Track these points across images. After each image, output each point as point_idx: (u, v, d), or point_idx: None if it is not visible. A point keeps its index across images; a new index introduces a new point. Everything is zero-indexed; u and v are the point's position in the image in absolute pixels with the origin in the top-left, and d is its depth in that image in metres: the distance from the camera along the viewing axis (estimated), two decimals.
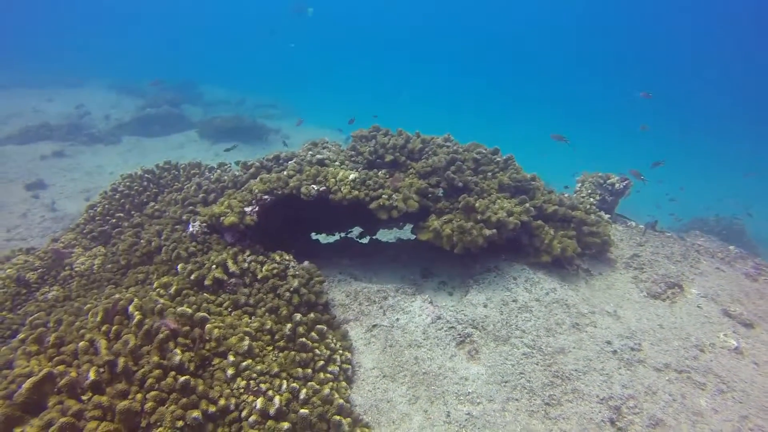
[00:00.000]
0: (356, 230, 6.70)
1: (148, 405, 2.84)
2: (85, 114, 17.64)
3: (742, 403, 3.82)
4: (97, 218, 5.94)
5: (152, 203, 5.98)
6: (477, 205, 4.71)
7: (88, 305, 3.97)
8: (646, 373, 4.03)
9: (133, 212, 6.02)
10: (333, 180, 4.64)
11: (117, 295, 3.95)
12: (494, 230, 4.52)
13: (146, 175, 6.46)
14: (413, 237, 6.54)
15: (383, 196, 4.62)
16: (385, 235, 9.27)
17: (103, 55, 36.36)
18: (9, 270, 4.89)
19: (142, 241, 4.97)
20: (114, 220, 5.89)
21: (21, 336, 3.76)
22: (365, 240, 6.49)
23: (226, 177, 5.52)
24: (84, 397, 2.83)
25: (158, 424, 2.81)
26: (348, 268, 5.38)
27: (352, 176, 4.68)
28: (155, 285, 4.17)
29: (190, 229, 4.71)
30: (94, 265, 5.16)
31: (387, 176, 4.98)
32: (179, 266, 4.34)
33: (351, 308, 4.68)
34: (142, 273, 4.62)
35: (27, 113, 16.70)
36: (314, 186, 4.57)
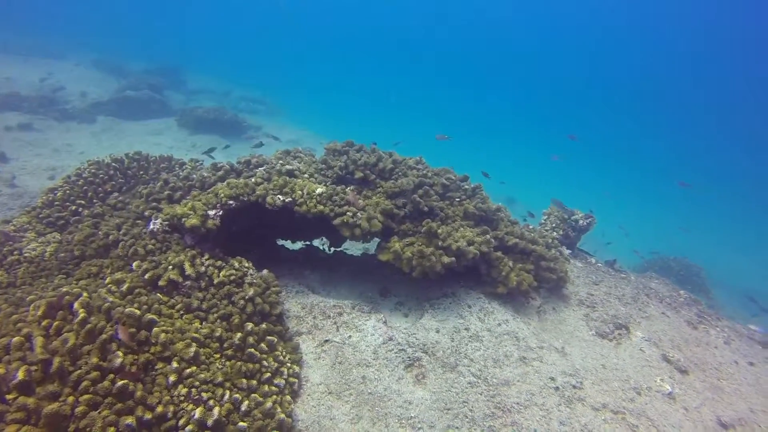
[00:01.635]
0: (322, 239, 6.71)
1: (80, 409, 2.78)
2: (59, 88, 17.06)
3: None
4: (56, 203, 5.77)
5: (116, 194, 5.86)
6: (439, 231, 4.80)
7: (31, 296, 3.85)
8: (584, 412, 4.16)
9: (95, 201, 5.88)
10: (300, 192, 4.65)
11: (65, 288, 3.85)
12: (453, 258, 4.61)
13: (114, 164, 6.32)
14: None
15: (348, 213, 4.66)
16: (352, 246, 9.30)
17: (92, 29, 35.37)
18: None
19: (99, 233, 4.85)
20: (74, 207, 5.73)
21: None
22: (329, 251, 6.50)
23: (194, 176, 5.46)
24: (9, 397, 2.75)
25: (87, 430, 2.75)
26: (307, 280, 5.39)
27: (318, 190, 4.71)
28: (107, 281, 4.08)
29: (151, 226, 4.64)
30: (46, 252, 5.01)
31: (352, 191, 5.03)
32: (134, 264, 4.26)
33: (305, 321, 4.69)
34: (96, 266, 4.51)
35: None
36: (280, 196, 4.57)
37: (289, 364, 4.03)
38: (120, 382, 2.99)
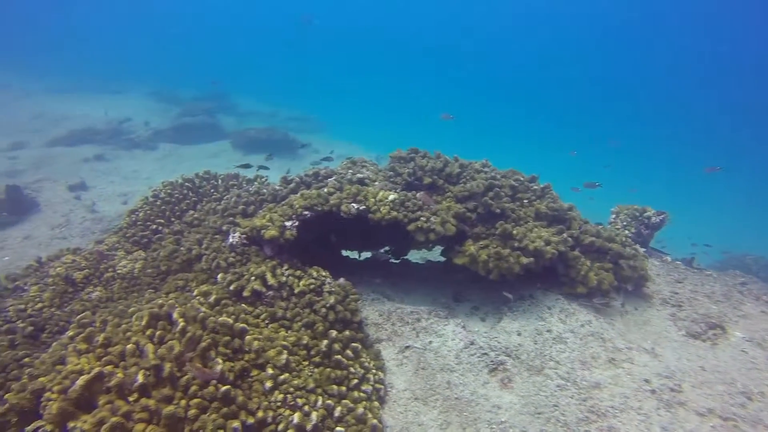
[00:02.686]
0: (384, 249, 6.74)
1: (192, 412, 2.90)
2: (125, 119, 18.35)
3: None
4: (139, 223, 6.14)
5: (191, 211, 6.15)
6: (514, 232, 4.70)
7: (132, 308, 4.09)
8: (688, 417, 3.90)
9: (172, 219, 6.21)
10: (372, 200, 4.71)
11: (159, 301, 4.07)
12: (531, 258, 4.50)
13: (186, 184, 6.67)
14: (443, 259, 6.55)
15: (421, 218, 4.66)
16: (413, 256, 9.29)
17: (143, 67, 37.94)
18: (59, 269, 5.09)
19: (182, 248, 5.10)
20: (154, 226, 6.07)
21: (70, 333, 3.90)
22: (396, 260, 6.51)
23: (265, 190, 5.65)
24: (131, 398, 2.91)
25: (200, 431, 2.86)
26: (380, 287, 5.41)
27: (391, 197, 4.74)
28: (195, 293, 4.27)
29: (230, 239, 4.83)
30: (135, 269, 5.32)
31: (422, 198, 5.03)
32: (219, 276, 4.44)
33: (384, 328, 4.70)
34: (182, 280, 4.74)
35: (75, 117, 17.47)
36: (354, 205, 4.65)
37: (374, 371, 4.04)
38: (223, 388, 3.10)
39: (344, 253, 6.68)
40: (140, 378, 2.93)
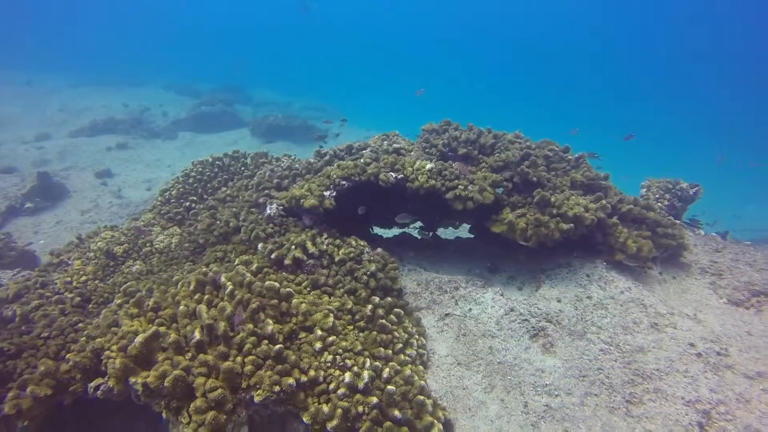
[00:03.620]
0: (415, 226, 6.72)
1: (248, 368, 2.96)
2: (145, 109, 18.56)
3: None
4: (172, 201, 6.23)
5: (224, 188, 6.22)
6: (553, 199, 4.66)
7: (176, 276, 4.17)
8: (736, 380, 3.85)
9: (205, 197, 6.28)
10: (410, 168, 4.70)
11: (203, 269, 4.13)
12: (571, 225, 4.46)
13: (217, 162, 6.73)
14: (471, 237, 6.53)
15: (459, 186, 4.64)
16: (442, 233, 9.27)
17: (158, 62, 38.30)
18: (100, 243, 5.19)
19: (218, 222, 5.16)
20: (187, 203, 6.16)
21: (118, 301, 3.99)
22: (428, 234, 6.50)
23: (297, 165, 5.68)
24: (188, 355, 2.97)
25: (257, 386, 2.91)
26: (414, 259, 5.42)
27: (428, 166, 4.73)
28: (236, 262, 4.33)
29: (268, 211, 4.87)
30: (172, 244, 5.41)
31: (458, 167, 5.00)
32: (259, 245, 4.49)
33: (422, 297, 4.71)
34: (221, 251, 4.80)
35: (96, 108, 17.74)
36: (392, 173, 4.64)
37: (416, 336, 4.06)
38: (276, 346, 3.14)
39: (376, 231, 6.70)
40: (197, 335, 2.99)
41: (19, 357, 3.41)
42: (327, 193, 4.60)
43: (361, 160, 4.88)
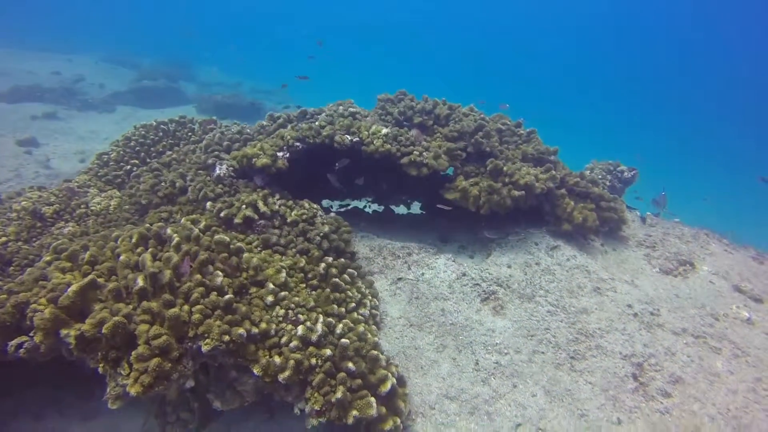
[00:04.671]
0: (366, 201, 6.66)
1: (195, 317, 2.79)
2: (79, 79, 17.16)
3: (755, 367, 3.95)
4: (111, 163, 5.80)
5: (169, 152, 5.86)
6: (505, 168, 4.77)
7: (116, 232, 3.87)
8: (665, 336, 4.14)
9: (148, 161, 5.89)
10: (366, 132, 4.64)
11: (147, 225, 3.87)
12: (523, 192, 4.58)
13: (162, 126, 6.34)
14: (423, 213, 6.59)
15: (414, 152, 4.64)
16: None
17: (95, 30, 35.52)
18: (24, 203, 4.73)
19: (163, 183, 4.86)
20: (128, 167, 5.75)
21: (47, 258, 3.64)
22: (379, 208, 6.48)
23: (249, 129, 5.45)
24: (132, 304, 2.76)
25: (205, 335, 2.76)
26: (366, 229, 5.38)
27: (384, 131, 4.69)
28: (183, 220, 4.08)
29: (217, 171, 4.64)
30: (110, 206, 5.03)
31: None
32: (208, 204, 4.27)
33: (375, 262, 4.68)
34: (165, 212, 4.52)
35: (18, 73, 16.16)
36: (348, 136, 4.56)
37: (370, 297, 4.03)
38: (226, 296, 3.00)
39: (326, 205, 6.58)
40: (140, 282, 2.79)
41: None
42: (280, 154, 4.45)
43: (317, 123, 4.76)
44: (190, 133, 6.36)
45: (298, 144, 4.55)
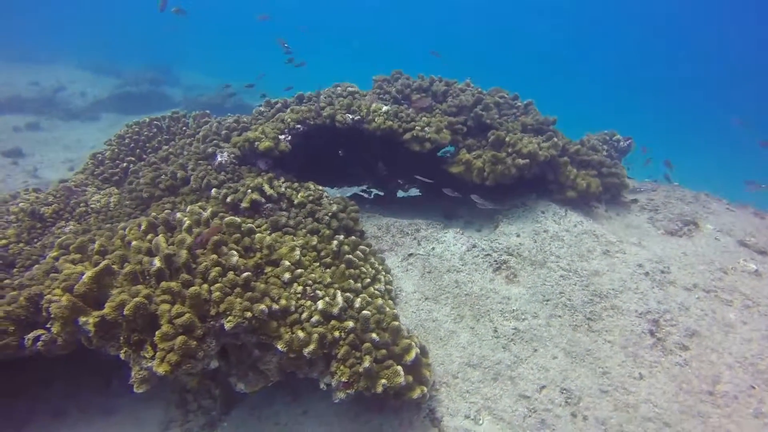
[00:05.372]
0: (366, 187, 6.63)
1: (216, 295, 2.75)
2: (59, 89, 16.83)
3: (767, 316, 4.01)
4: (107, 162, 5.70)
5: (165, 147, 5.77)
6: (508, 138, 4.76)
7: (122, 224, 3.81)
8: (677, 292, 4.17)
9: (144, 157, 5.80)
10: (366, 110, 4.60)
11: (153, 213, 3.81)
12: (527, 160, 4.59)
13: (155, 122, 6.25)
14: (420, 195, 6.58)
15: (416, 127, 4.62)
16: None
17: (73, 38, 34.77)
18: (22, 204, 4.63)
19: (164, 175, 4.79)
20: (124, 164, 5.66)
21: (53, 254, 3.57)
22: (380, 193, 6.46)
23: (245, 118, 5.39)
24: (151, 284, 2.71)
25: (227, 313, 2.72)
26: (371, 210, 5.35)
27: (385, 108, 4.66)
28: (189, 208, 4.03)
29: (219, 159, 4.58)
30: (110, 203, 4.95)
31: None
32: (213, 191, 4.22)
33: (384, 240, 4.66)
34: (169, 203, 4.46)
35: None
36: (349, 115, 4.52)
37: (383, 273, 4.01)
38: (244, 274, 2.96)
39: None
40: (157, 263, 2.74)
41: None
42: (282, 137, 4.41)
43: (316, 105, 4.71)
44: (184, 128, 6.27)
45: (299, 126, 4.51)
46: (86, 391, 3.75)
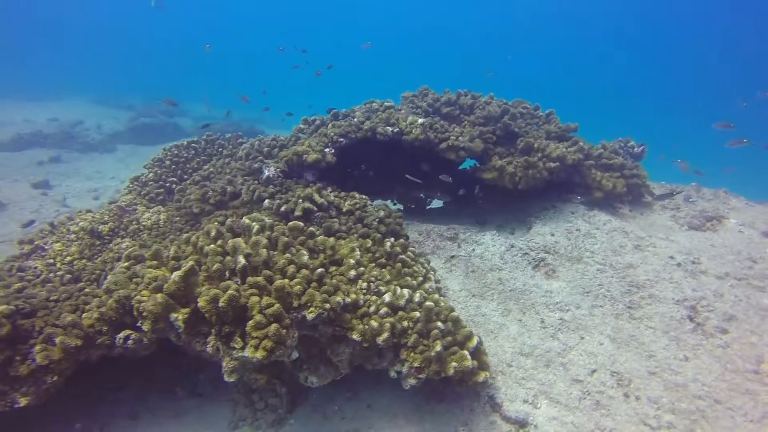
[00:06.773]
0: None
1: (296, 288, 2.97)
2: (76, 123, 17.34)
3: None
4: (150, 183, 5.98)
5: (206, 166, 6.07)
6: (536, 144, 5.05)
7: (186, 234, 4.05)
8: (710, 281, 4.38)
9: (185, 177, 6.09)
10: (404, 123, 4.91)
11: (216, 223, 4.06)
12: (557, 163, 4.86)
13: (192, 145, 6.56)
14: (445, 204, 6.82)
15: (451, 137, 4.91)
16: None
17: (81, 75, 35.80)
18: (82, 223, 4.89)
19: (211, 191, 5.06)
20: (168, 184, 5.94)
21: (124, 264, 3.80)
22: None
23: (283, 136, 5.70)
24: (236, 279, 2.94)
25: (308, 304, 2.94)
26: (407, 219, 5.60)
27: (420, 120, 4.96)
28: (253, 215, 4.27)
29: (266, 173, 4.85)
30: (160, 220, 5.21)
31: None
32: (265, 202, 4.48)
33: (425, 244, 4.90)
34: (221, 215, 4.71)
35: (17, 122, 16.30)
36: (389, 127, 4.82)
37: (432, 272, 4.22)
38: (318, 270, 3.19)
39: None
40: (242, 260, 2.97)
41: (34, 316, 3.17)
42: (327, 150, 4.69)
43: (355, 119, 5.02)
44: (220, 149, 6.58)
45: (341, 140, 4.80)
46: (154, 397, 3.93)
